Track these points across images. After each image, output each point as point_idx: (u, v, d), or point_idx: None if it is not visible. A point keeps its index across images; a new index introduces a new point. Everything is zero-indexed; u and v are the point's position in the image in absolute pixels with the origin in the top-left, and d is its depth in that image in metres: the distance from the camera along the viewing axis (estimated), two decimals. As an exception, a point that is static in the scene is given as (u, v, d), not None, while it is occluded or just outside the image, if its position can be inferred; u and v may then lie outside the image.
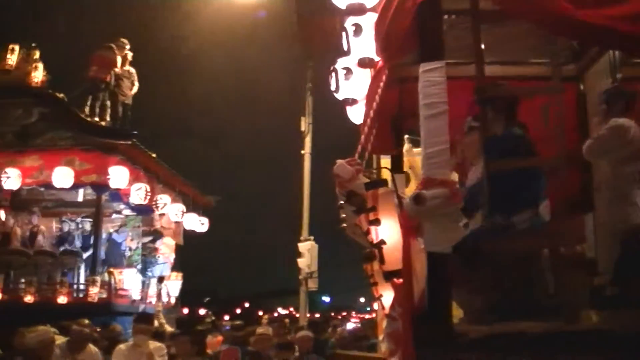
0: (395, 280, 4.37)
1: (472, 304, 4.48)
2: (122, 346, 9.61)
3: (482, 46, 4.64)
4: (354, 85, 6.80)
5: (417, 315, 4.09)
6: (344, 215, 5.21)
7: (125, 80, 18.91)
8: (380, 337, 5.46)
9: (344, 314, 59.51)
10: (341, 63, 6.87)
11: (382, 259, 4.33)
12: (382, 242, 4.28)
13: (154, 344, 9.41)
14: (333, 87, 6.90)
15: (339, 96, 6.92)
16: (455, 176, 5.21)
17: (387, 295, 4.97)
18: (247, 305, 57.62)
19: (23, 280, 17.84)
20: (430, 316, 4.01)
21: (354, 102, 6.93)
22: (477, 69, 4.52)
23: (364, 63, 6.10)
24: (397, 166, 6.43)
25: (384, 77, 5.51)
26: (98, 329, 11.65)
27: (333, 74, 6.87)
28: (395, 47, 5.04)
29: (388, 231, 4.30)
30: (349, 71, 6.78)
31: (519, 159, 4.70)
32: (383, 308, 5.25)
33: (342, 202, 5.00)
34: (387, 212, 4.32)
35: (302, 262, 19.76)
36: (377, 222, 4.30)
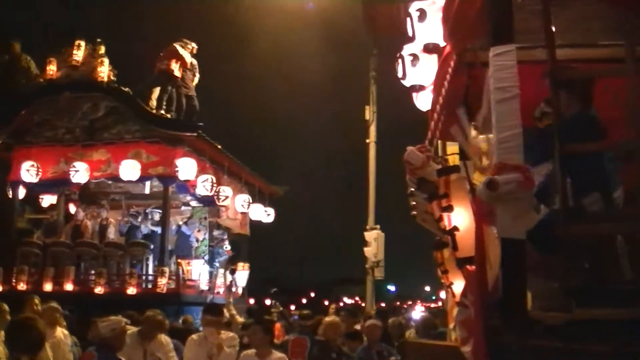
0: (468, 267, 4.32)
1: (545, 290, 4.40)
2: (194, 336, 9.67)
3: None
4: (420, 72, 6.75)
5: (491, 302, 4.04)
6: (414, 203, 5.17)
7: (188, 73, 19.05)
8: (451, 326, 5.40)
9: (409, 303, 59.36)
10: (407, 50, 6.81)
11: (455, 246, 4.29)
12: (455, 228, 4.24)
13: (226, 334, 9.45)
14: (400, 74, 6.85)
15: (406, 83, 6.87)
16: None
17: (458, 283, 4.92)
18: (312, 295, 57.72)
19: (93, 272, 18.13)
20: (504, 303, 3.95)
21: (421, 88, 6.87)
22: (549, 51, 4.42)
23: (429, 49, 6.05)
24: (464, 153, 6.37)
25: (451, 63, 5.45)
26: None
27: (399, 61, 6.82)
28: (464, 32, 4.98)
29: (461, 218, 4.25)
30: (415, 57, 6.72)
31: (593, 141, 4.61)
32: (454, 296, 5.20)
33: (412, 189, 4.96)
34: (460, 198, 4.27)
35: (368, 251, 19.73)
36: (449, 208, 4.25)
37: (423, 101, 7.08)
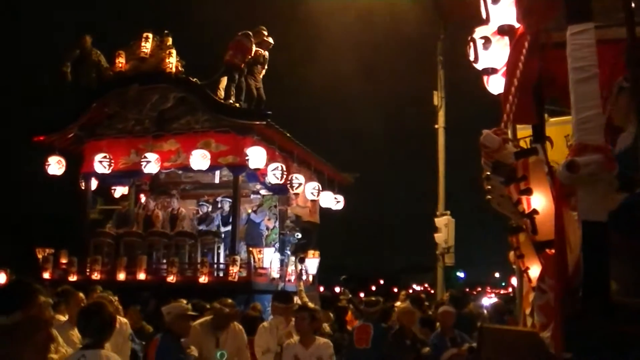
0: (547, 251, 4.24)
1: (629, 274, 4.30)
2: (265, 324, 9.72)
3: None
4: (492, 55, 6.65)
5: (572, 286, 3.96)
6: (489, 187, 5.09)
7: (258, 66, 19.10)
8: (527, 311, 5.32)
9: (479, 289, 58.82)
10: (479, 32, 6.72)
11: (534, 230, 4.21)
12: (535, 211, 4.16)
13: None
14: (471, 57, 6.76)
15: (478, 66, 6.78)
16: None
17: (535, 268, 4.84)
18: (381, 282, 57.61)
19: (165, 262, 18.33)
20: (586, 287, 3.86)
21: (493, 71, 6.77)
22: (628, 29, 4.32)
23: (503, 30, 5.96)
24: (539, 136, 6.26)
25: (525, 44, 5.35)
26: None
27: (471, 44, 6.74)
28: (539, 12, 4.90)
29: (540, 200, 4.17)
30: (487, 40, 6.63)
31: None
32: (530, 281, 5.12)
33: (488, 173, 4.88)
34: (539, 181, 4.20)
35: (439, 237, 19.64)
36: (528, 191, 4.18)
37: (495, 84, 6.98)
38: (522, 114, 6.03)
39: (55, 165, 19.21)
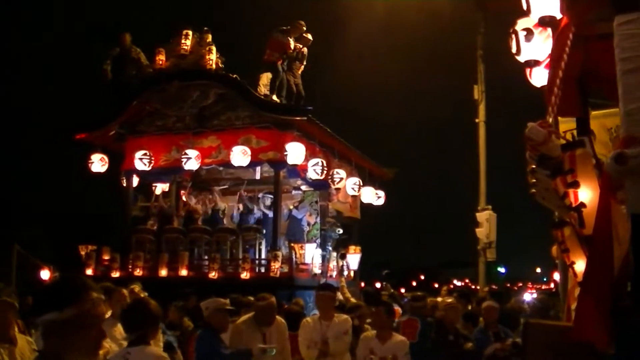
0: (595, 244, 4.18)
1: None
2: (308, 319, 9.70)
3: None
4: (535, 47, 6.58)
5: (619, 281, 3.90)
6: (534, 180, 5.04)
7: (297, 62, 19.13)
8: (573, 306, 5.25)
9: (520, 284, 58.39)
10: (521, 24, 6.66)
11: (581, 223, 4.15)
12: (582, 205, 4.11)
13: (339, 317, 9.45)
14: (513, 50, 6.70)
15: (520, 59, 6.71)
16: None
17: (580, 262, 4.78)
18: (422, 277, 57.48)
19: (206, 258, 18.40)
20: (635, 282, 3.81)
21: (535, 63, 6.70)
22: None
23: (544, 22, 5.88)
24: (584, 128, 6.19)
25: (569, 36, 5.28)
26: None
27: (513, 36, 6.67)
28: (584, 3, 4.83)
29: (587, 194, 4.11)
30: (529, 32, 6.56)
31: None
32: (575, 275, 5.05)
33: (533, 166, 4.83)
34: (586, 173, 4.14)
35: (480, 232, 19.55)
36: (576, 184, 4.12)
37: (538, 77, 6.91)
38: (566, 107, 5.96)
39: (98, 163, 19.35)
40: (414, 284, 50.29)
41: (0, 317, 6.08)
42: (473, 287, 24.57)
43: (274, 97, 18.21)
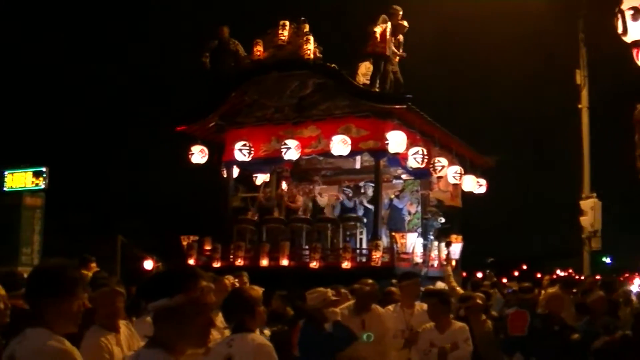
0: None
1: None
2: (390, 307, 9.62)
3: None
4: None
5: None
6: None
7: (394, 50, 18.99)
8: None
9: (626, 275, 56.64)
10: (627, 3, 6.39)
11: None
12: None
13: (421, 305, 9.42)
14: (620, 30, 6.43)
15: (627, 39, 6.44)
16: None
17: None
18: (524, 267, 56.52)
19: (307, 247, 18.41)
20: None
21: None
22: None
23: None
24: None
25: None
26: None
27: (619, 16, 6.40)
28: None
29: None
30: (636, 11, 6.29)
31: None
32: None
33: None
34: None
35: (584, 221, 19.17)
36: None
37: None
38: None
39: (198, 154, 19.53)
40: (516, 273, 49.39)
41: (109, 306, 6.12)
42: (577, 277, 23.95)
43: (376, 88, 18.09)
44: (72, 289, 4.10)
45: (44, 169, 25.84)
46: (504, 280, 28.66)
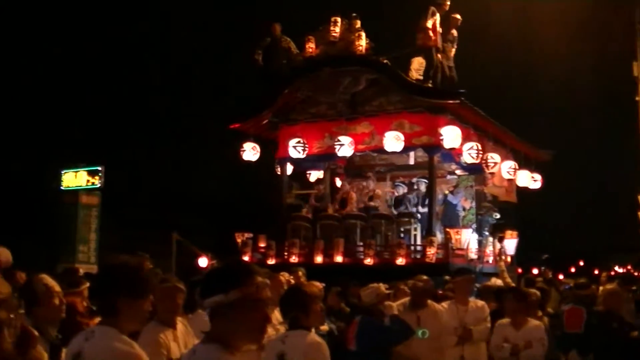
0: None
1: None
2: (444, 304, 9.58)
3: None
4: None
5: None
6: None
7: (449, 44, 18.90)
8: None
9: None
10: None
11: None
12: None
13: (475, 302, 9.55)
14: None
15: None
16: None
17: None
18: (581, 263, 55.75)
19: (361, 244, 18.39)
20: None
21: None
22: None
23: None
24: None
25: None
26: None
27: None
28: None
29: None
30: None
31: None
32: None
33: None
34: None
35: (644, 215, 18.86)
36: None
37: None
38: None
39: (250, 152, 19.60)
40: (573, 269, 48.74)
41: (169, 302, 6.17)
42: (636, 274, 23.64)
43: (429, 83, 18.01)
44: (147, 289, 4.13)
45: (99, 168, 26.21)
46: (561, 277, 28.37)
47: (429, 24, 18.17)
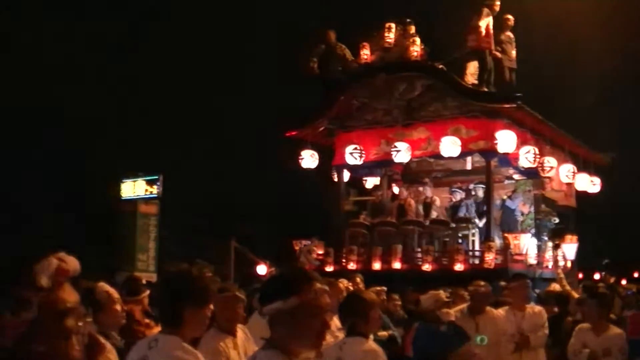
0: None
1: None
2: (501, 310, 9.50)
3: None
4: None
5: None
6: None
7: (508, 45, 18.79)
8: None
9: None
10: None
11: None
12: None
13: (532, 308, 9.43)
14: None
15: None
16: None
17: None
18: (644, 269, 54.88)
19: (419, 250, 18.37)
20: None
21: None
22: None
23: None
24: None
25: None
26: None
27: None
28: None
29: None
30: None
31: None
32: None
33: None
34: None
35: None
36: None
37: None
38: None
39: (309, 159, 19.67)
40: (636, 275, 47.95)
41: (230, 311, 6.24)
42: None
43: (484, 87, 17.92)
44: (208, 297, 4.23)
45: (157, 177, 26.51)
46: (623, 282, 27.99)
47: (482, 23, 18.06)
